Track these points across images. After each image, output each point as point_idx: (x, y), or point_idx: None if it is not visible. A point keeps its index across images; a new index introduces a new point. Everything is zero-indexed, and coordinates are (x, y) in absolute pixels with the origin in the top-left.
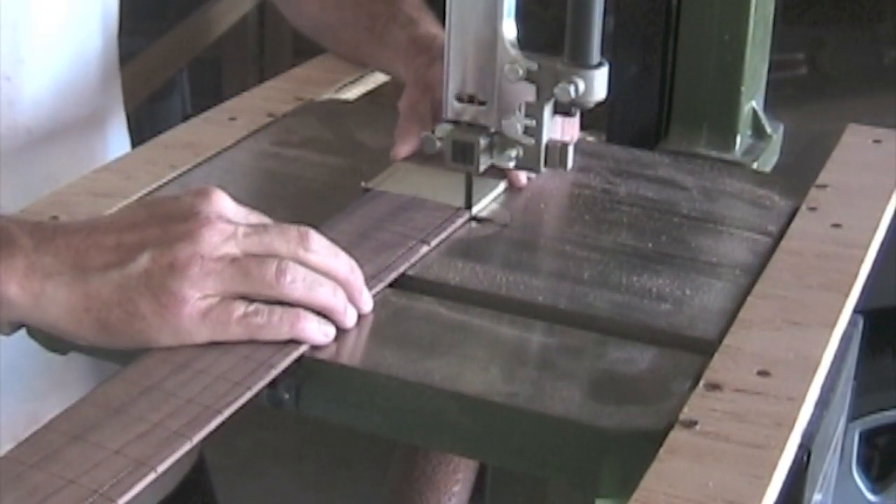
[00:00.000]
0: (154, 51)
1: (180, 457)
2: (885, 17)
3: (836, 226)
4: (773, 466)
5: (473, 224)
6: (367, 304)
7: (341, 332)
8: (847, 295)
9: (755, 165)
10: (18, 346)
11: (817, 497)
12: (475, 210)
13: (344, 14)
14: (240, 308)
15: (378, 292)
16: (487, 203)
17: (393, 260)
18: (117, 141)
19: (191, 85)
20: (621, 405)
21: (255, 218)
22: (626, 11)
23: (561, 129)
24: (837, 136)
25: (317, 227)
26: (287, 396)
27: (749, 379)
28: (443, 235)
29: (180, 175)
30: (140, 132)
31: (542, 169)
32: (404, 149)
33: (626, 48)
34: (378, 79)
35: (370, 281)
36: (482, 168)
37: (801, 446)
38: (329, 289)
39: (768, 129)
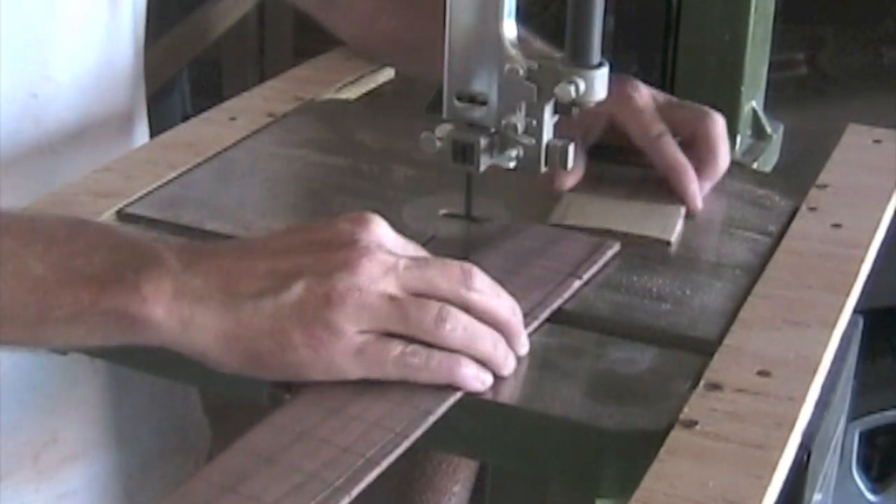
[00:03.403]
0: (154, 51)
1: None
2: (885, 17)
3: (836, 226)
4: (773, 466)
5: (472, 223)
6: (524, 347)
7: None
8: (847, 295)
9: (755, 165)
10: (36, 363)
11: (817, 497)
12: (673, 238)
13: (425, 28)
14: (397, 347)
15: (533, 331)
16: (680, 228)
17: (545, 296)
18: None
19: (191, 85)
20: (621, 405)
21: (413, 249)
22: (626, 11)
23: None
24: (837, 136)
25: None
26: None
27: (749, 379)
28: (594, 269)
29: (180, 175)
30: None
31: (543, 169)
32: (570, 178)
33: (626, 48)
34: (378, 79)
35: (524, 319)
36: (482, 168)
37: (801, 446)
38: (490, 340)
39: (768, 129)
